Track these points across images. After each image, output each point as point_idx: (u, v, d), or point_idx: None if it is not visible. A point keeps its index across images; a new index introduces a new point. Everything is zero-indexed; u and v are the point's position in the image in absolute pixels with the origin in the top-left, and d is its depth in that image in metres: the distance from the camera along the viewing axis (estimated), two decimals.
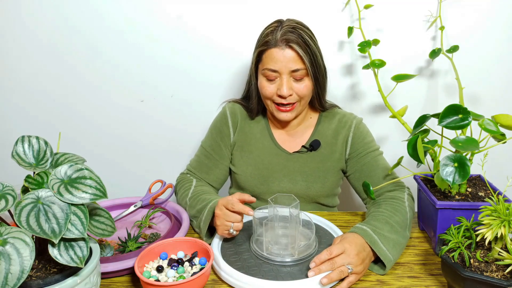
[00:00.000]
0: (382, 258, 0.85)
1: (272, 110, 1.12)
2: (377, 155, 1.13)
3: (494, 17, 1.32)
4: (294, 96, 1.08)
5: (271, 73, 1.06)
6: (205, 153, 1.22)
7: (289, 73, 1.05)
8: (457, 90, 1.20)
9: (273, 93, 1.08)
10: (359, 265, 0.83)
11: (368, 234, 0.88)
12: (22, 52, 1.43)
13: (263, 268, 0.86)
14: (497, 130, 0.84)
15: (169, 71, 1.45)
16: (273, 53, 1.05)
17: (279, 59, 1.04)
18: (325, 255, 0.83)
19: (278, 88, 1.07)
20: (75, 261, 0.64)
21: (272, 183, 1.16)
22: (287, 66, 1.04)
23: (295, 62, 1.04)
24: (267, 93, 1.09)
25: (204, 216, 0.99)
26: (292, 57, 1.04)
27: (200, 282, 0.78)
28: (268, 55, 1.06)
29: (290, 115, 1.11)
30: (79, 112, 1.50)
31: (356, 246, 0.84)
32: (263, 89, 1.10)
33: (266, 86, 1.09)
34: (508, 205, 0.71)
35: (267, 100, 1.12)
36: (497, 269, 0.71)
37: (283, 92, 1.05)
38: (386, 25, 1.35)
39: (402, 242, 0.91)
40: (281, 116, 1.11)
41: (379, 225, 0.91)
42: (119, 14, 1.38)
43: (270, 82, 1.08)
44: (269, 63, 1.06)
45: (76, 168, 0.70)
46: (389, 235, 0.89)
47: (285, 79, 1.05)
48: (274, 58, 1.05)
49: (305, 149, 1.17)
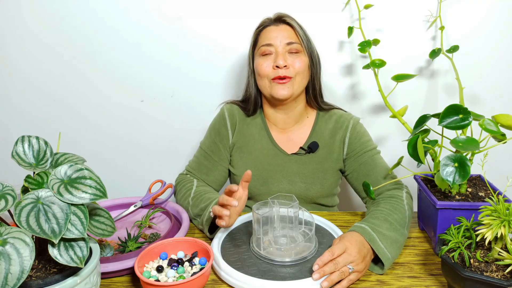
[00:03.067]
0: (380, 256, 0.84)
1: (269, 88, 1.12)
2: (375, 154, 1.13)
3: (494, 17, 1.32)
4: (290, 70, 1.09)
5: (266, 47, 1.10)
6: (204, 154, 1.22)
7: (284, 47, 1.09)
8: (457, 90, 1.20)
9: (269, 67, 1.10)
10: (360, 263, 0.82)
11: (367, 232, 0.87)
12: (22, 52, 1.43)
13: (263, 268, 0.86)
14: (497, 130, 0.84)
15: (169, 71, 1.45)
16: (269, 30, 1.11)
17: (274, 34, 1.10)
18: (327, 256, 0.82)
19: (274, 60, 1.09)
20: (75, 261, 0.63)
21: (271, 184, 1.16)
22: (282, 39, 1.09)
23: (289, 35, 1.10)
24: (263, 68, 1.10)
25: (208, 212, 1.00)
26: (287, 30, 1.10)
27: (200, 282, 0.78)
28: (264, 33, 1.12)
29: (287, 90, 1.09)
30: (79, 112, 1.50)
31: (357, 243, 0.84)
32: (259, 67, 1.11)
33: (262, 63, 1.11)
34: (508, 205, 0.71)
35: (264, 79, 1.12)
36: (497, 269, 0.71)
37: (278, 63, 1.07)
38: (386, 25, 1.35)
39: (400, 240, 0.91)
40: (278, 91, 1.10)
41: (377, 223, 0.91)
42: (119, 14, 1.39)
43: (266, 57, 1.11)
44: (264, 40, 1.11)
45: (76, 168, 0.70)
46: (387, 233, 0.89)
47: (281, 52, 1.09)
48: (270, 34, 1.11)
49: (303, 151, 1.17)
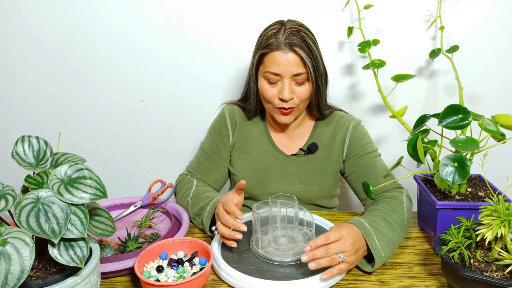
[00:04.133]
0: (374, 252, 0.84)
1: (273, 113, 1.12)
2: (375, 156, 1.12)
3: (494, 17, 1.32)
4: (294, 100, 1.07)
5: (273, 76, 1.06)
6: (205, 155, 1.22)
7: (291, 77, 1.05)
8: (457, 90, 1.20)
9: (275, 96, 1.08)
10: (352, 254, 0.82)
11: (364, 226, 0.87)
12: (22, 52, 1.43)
13: (262, 268, 0.86)
14: (497, 130, 0.84)
15: (169, 71, 1.45)
16: (276, 56, 1.04)
17: (281, 63, 1.03)
18: (321, 239, 0.82)
19: (280, 91, 1.06)
20: (75, 261, 0.64)
21: (270, 185, 1.17)
22: (289, 70, 1.04)
23: (297, 66, 1.04)
24: (268, 96, 1.08)
25: (207, 212, 1.00)
26: (295, 61, 1.03)
27: (200, 282, 0.78)
28: (271, 58, 1.05)
29: (290, 117, 1.11)
30: (79, 112, 1.50)
31: (354, 235, 0.84)
32: (264, 92, 1.09)
33: (268, 89, 1.08)
34: (508, 205, 0.71)
35: (268, 103, 1.11)
36: (497, 269, 0.71)
37: (284, 96, 1.05)
38: (386, 25, 1.35)
39: (397, 241, 0.90)
40: (282, 119, 1.11)
41: (376, 220, 0.91)
42: (119, 15, 1.39)
43: (272, 85, 1.08)
44: (271, 66, 1.05)
45: (76, 168, 0.70)
46: (385, 231, 0.89)
47: (287, 83, 1.05)
48: (277, 61, 1.04)
49: (302, 152, 1.17)
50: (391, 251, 0.88)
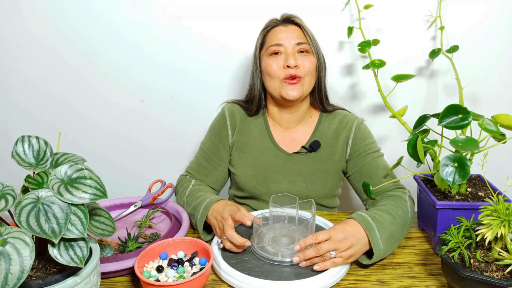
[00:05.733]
0: (373, 245, 0.85)
1: (280, 89, 1.11)
2: (378, 156, 1.12)
3: (494, 17, 1.32)
4: (300, 69, 1.09)
5: (276, 47, 1.10)
6: (204, 155, 1.22)
7: (294, 47, 1.10)
8: (457, 90, 1.20)
9: (280, 67, 1.09)
10: (344, 251, 0.84)
11: (365, 220, 0.88)
12: (22, 52, 1.43)
13: (262, 268, 0.86)
14: (497, 130, 0.84)
15: (169, 71, 1.45)
16: (277, 30, 1.12)
17: (283, 34, 1.10)
18: (310, 239, 0.85)
19: (285, 61, 1.09)
20: (75, 261, 0.64)
21: (271, 184, 1.16)
22: (291, 39, 1.10)
23: (299, 36, 1.11)
24: (273, 68, 1.10)
25: (199, 214, 1.01)
26: (296, 31, 1.11)
27: (200, 282, 0.78)
28: (272, 33, 1.12)
29: (297, 90, 1.09)
30: (79, 112, 1.50)
31: (344, 232, 0.85)
32: (268, 67, 1.10)
33: (272, 63, 1.10)
34: (508, 205, 0.71)
35: (274, 79, 1.11)
36: (497, 269, 0.71)
37: (290, 62, 1.07)
38: (386, 25, 1.35)
39: (397, 237, 0.90)
40: (288, 92, 1.09)
41: (380, 214, 0.91)
42: (119, 14, 1.39)
43: (276, 57, 1.11)
44: (273, 39, 1.11)
45: (76, 168, 0.70)
46: (387, 225, 0.89)
47: (291, 52, 1.09)
48: (279, 34, 1.11)
49: (304, 149, 1.17)
50: (391, 246, 0.89)
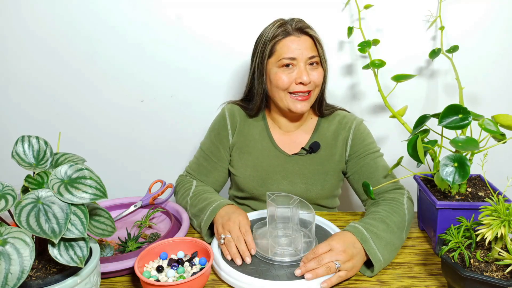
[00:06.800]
0: (371, 257, 0.84)
1: (288, 102, 1.09)
2: (377, 156, 1.12)
3: (494, 17, 1.32)
4: (311, 83, 1.08)
5: (289, 61, 1.06)
6: (204, 155, 1.22)
7: (306, 60, 1.06)
8: (457, 90, 1.20)
9: (291, 82, 1.07)
10: (347, 261, 0.82)
11: (360, 231, 0.87)
12: (22, 52, 1.43)
13: (262, 268, 0.86)
14: (497, 130, 0.84)
15: (169, 71, 1.45)
16: (290, 42, 1.06)
17: (296, 47, 1.05)
18: (310, 255, 0.83)
19: (297, 76, 1.06)
20: (75, 261, 0.64)
21: (271, 185, 1.16)
22: (304, 52, 1.06)
23: (311, 48, 1.07)
24: (284, 83, 1.07)
25: (206, 216, 1.00)
26: (309, 43, 1.07)
27: (200, 282, 0.78)
28: (284, 44, 1.06)
29: (306, 105, 1.09)
30: (79, 112, 1.50)
31: (344, 243, 0.84)
32: (279, 81, 1.07)
33: (283, 77, 1.07)
34: (508, 205, 0.71)
35: (283, 92, 1.09)
36: (497, 269, 0.71)
37: (303, 79, 1.05)
38: (386, 25, 1.35)
39: (395, 243, 0.90)
40: (297, 107, 1.09)
41: (373, 223, 0.90)
42: (119, 15, 1.39)
43: (288, 71, 1.07)
44: (286, 52, 1.06)
45: (76, 168, 0.70)
46: (382, 234, 0.88)
47: (303, 67, 1.06)
48: (291, 46, 1.05)
49: (304, 151, 1.17)
50: (390, 255, 0.88)
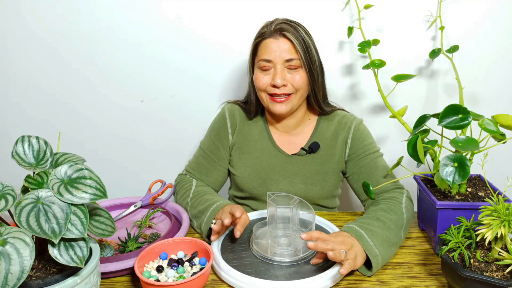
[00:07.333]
0: (368, 253, 0.84)
1: (267, 102, 1.12)
2: (377, 157, 1.12)
3: (494, 17, 1.32)
4: (289, 87, 1.08)
5: (265, 63, 1.07)
6: (204, 155, 1.22)
7: (283, 63, 1.06)
8: (457, 90, 1.20)
9: (267, 84, 1.08)
10: (349, 250, 0.82)
11: (354, 230, 0.88)
12: (22, 52, 1.43)
13: (262, 268, 0.86)
14: (497, 130, 0.84)
15: (169, 71, 1.45)
16: (268, 44, 1.07)
17: (273, 49, 1.06)
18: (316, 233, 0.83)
19: (272, 78, 1.07)
20: (75, 261, 0.64)
21: (271, 185, 1.16)
22: (281, 55, 1.06)
23: (289, 51, 1.06)
24: (260, 84, 1.09)
25: (206, 217, 1.00)
26: (286, 46, 1.05)
27: (200, 282, 0.78)
28: (263, 46, 1.08)
29: (284, 107, 1.10)
30: (79, 112, 1.50)
31: (341, 236, 0.85)
32: (257, 81, 1.10)
33: (260, 77, 1.09)
34: (508, 205, 0.71)
35: (262, 92, 1.11)
36: (497, 269, 0.71)
37: (276, 82, 1.05)
38: (386, 25, 1.35)
39: (393, 240, 0.89)
40: (276, 108, 1.10)
41: (368, 221, 0.91)
42: (119, 15, 1.38)
43: (265, 73, 1.09)
44: (263, 53, 1.07)
45: (76, 168, 0.70)
46: (378, 231, 0.88)
47: (279, 69, 1.06)
48: (269, 48, 1.06)
49: (304, 151, 1.17)
50: (387, 251, 0.88)
